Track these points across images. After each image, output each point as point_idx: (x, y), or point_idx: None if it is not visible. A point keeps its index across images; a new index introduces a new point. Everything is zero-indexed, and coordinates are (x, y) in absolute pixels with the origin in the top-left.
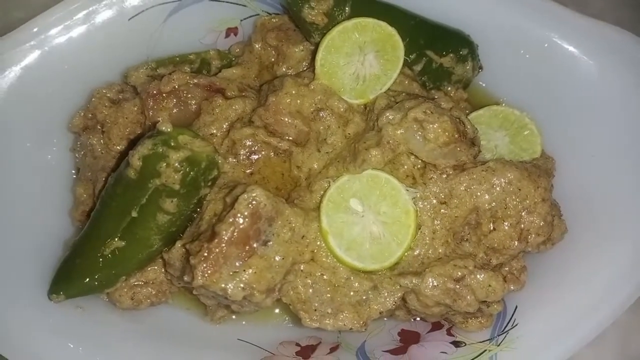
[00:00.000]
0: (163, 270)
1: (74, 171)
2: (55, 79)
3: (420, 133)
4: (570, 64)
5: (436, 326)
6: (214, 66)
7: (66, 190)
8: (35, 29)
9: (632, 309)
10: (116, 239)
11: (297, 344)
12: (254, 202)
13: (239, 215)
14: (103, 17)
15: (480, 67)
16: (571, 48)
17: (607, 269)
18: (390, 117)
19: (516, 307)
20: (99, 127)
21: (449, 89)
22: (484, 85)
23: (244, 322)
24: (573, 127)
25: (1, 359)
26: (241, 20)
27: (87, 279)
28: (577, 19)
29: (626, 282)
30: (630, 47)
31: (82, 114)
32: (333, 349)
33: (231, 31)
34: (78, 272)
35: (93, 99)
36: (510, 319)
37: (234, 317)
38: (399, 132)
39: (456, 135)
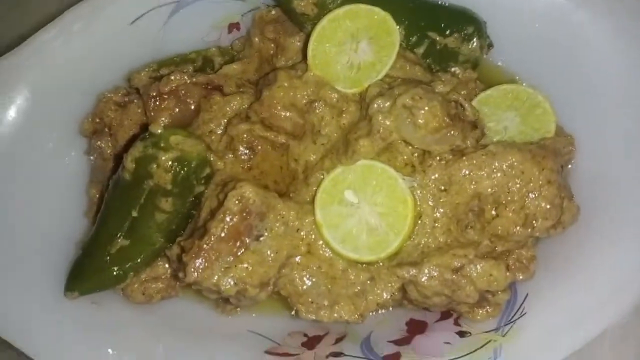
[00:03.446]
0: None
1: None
2: (68, 87)
3: (410, 120)
4: (586, 34)
5: (444, 316)
6: (216, 63)
7: (83, 192)
8: (38, 44)
9: None
10: (121, 238)
11: (305, 335)
12: (242, 199)
13: (228, 212)
14: (105, 23)
15: (490, 45)
16: (584, 16)
17: (624, 257)
18: (380, 105)
19: (527, 295)
20: (106, 130)
21: (457, 70)
22: (500, 64)
23: (254, 315)
24: (591, 103)
25: (23, 356)
26: (242, 15)
27: (97, 277)
28: None
29: None
30: None
31: (90, 118)
32: (339, 340)
33: (233, 27)
34: (88, 270)
35: (100, 103)
36: (519, 307)
37: (238, 310)
38: (388, 120)
39: (447, 120)
